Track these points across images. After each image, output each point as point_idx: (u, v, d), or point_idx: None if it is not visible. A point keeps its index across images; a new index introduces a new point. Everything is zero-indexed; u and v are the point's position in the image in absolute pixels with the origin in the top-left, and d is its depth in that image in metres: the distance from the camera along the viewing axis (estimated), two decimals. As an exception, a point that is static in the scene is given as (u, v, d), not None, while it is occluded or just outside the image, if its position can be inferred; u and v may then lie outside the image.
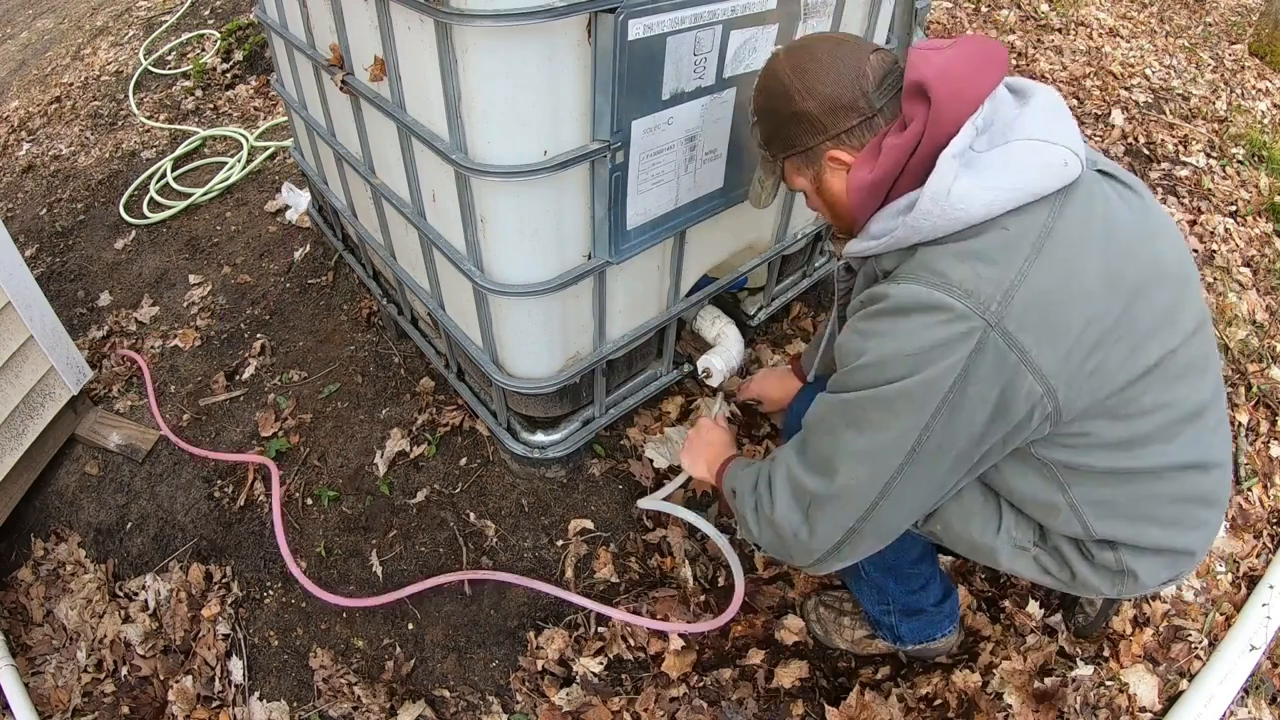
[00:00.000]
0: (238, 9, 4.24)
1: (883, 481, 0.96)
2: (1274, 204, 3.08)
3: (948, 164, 0.89)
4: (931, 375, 0.88)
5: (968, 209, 0.88)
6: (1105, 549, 1.07)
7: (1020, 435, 0.95)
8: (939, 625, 1.49)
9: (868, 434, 0.94)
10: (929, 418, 0.90)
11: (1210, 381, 1.03)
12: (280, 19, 1.86)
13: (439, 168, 1.34)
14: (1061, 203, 0.91)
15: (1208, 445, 1.03)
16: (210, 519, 1.93)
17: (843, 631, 1.64)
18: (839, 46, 1.01)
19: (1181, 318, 0.98)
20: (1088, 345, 0.90)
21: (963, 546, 1.17)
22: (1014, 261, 0.88)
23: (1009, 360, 0.87)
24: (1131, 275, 0.93)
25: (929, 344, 0.88)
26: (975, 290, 0.87)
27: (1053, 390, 0.90)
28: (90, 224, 3.00)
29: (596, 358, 1.62)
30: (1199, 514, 1.06)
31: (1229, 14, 5.24)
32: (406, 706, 1.58)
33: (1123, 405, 0.95)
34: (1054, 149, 0.91)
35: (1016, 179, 0.89)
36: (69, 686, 1.73)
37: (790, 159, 1.08)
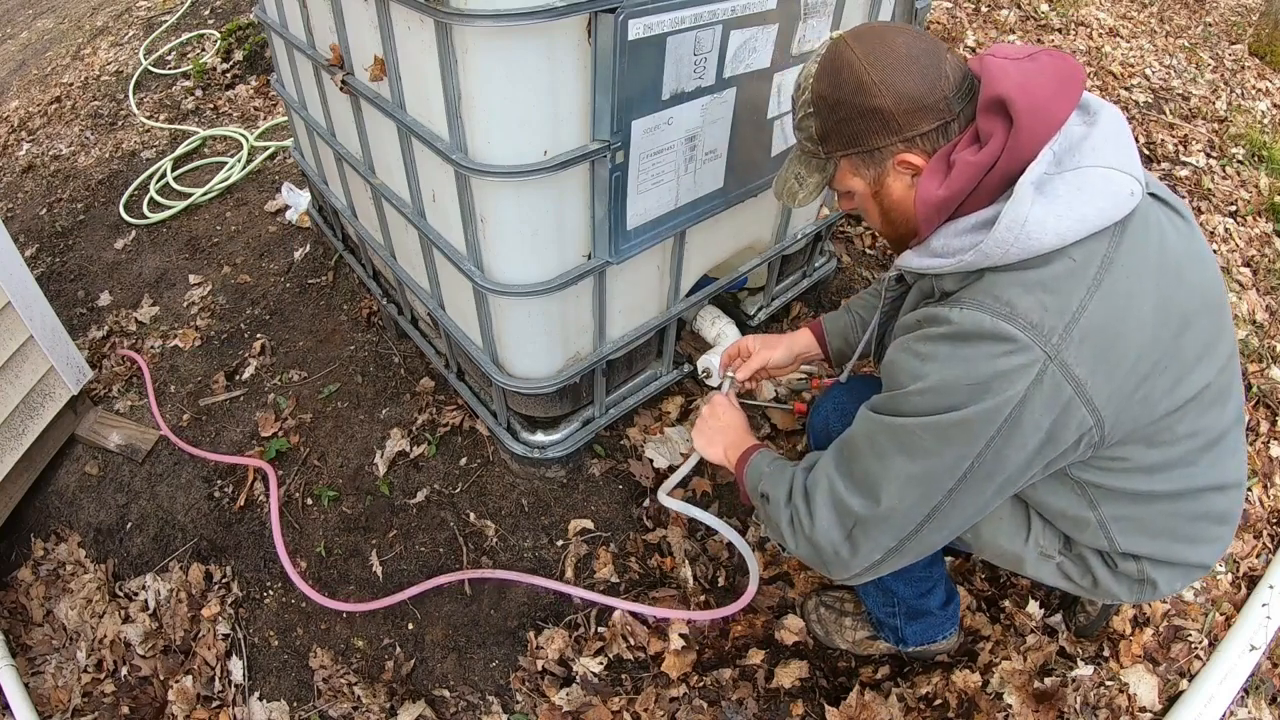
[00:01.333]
0: (238, 9, 4.24)
1: (930, 505, 0.95)
2: (1274, 204, 3.08)
3: (1027, 191, 0.86)
4: (990, 406, 0.86)
5: (1041, 239, 0.86)
6: (1129, 560, 1.10)
7: (1065, 460, 0.96)
8: (941, 627, 1.49)
9: (919, 461, 0.92)
10: (983, 446, 0.89)
11: (1234, 407, 1.04)
12: (280, 19, 1.86)
13: (439, 168, 1.34)
14: (1121, 232, 0.89)
15: (1226, 468, 1.05)
16: (210, 519, 1.93)
17: (844, 632, 1.64)
18: (917, 40, 0.93)
19: (1219, 348, 0.99)
20: (1139, 376, 0.91)
21: (989, 553, 1.19)
22: (1076, 293, 0.86)
23: (1065, 392, 0.87)
24: (1181, 305, 0.93)
25: (991, 374, 0.86)
26: (1040, 322, 0.85)
27: (1101, 420, 0.90)
28: (90, 224, 3.00)
29: (596, 358, 1.62)
30: (1214, 530, 1.09)
31: (1229, 14, 5.24)
32: (406, 706, 1.58)
33: (1160, 433, 0.97)
34: (1123, 178, 0.88)
35: (1088, 209, 0.86)
36: (69, 686, 1.73)
37: (850, 157, 1.00)
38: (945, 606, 1.47)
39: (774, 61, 1.43)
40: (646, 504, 1.87)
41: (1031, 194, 0.86)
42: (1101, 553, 1.12)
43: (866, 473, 0.98)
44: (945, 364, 0.89)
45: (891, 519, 0.97)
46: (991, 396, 0.86)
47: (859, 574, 1.05)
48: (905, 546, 1.00)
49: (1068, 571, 1.15)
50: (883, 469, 0.96)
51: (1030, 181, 0.87)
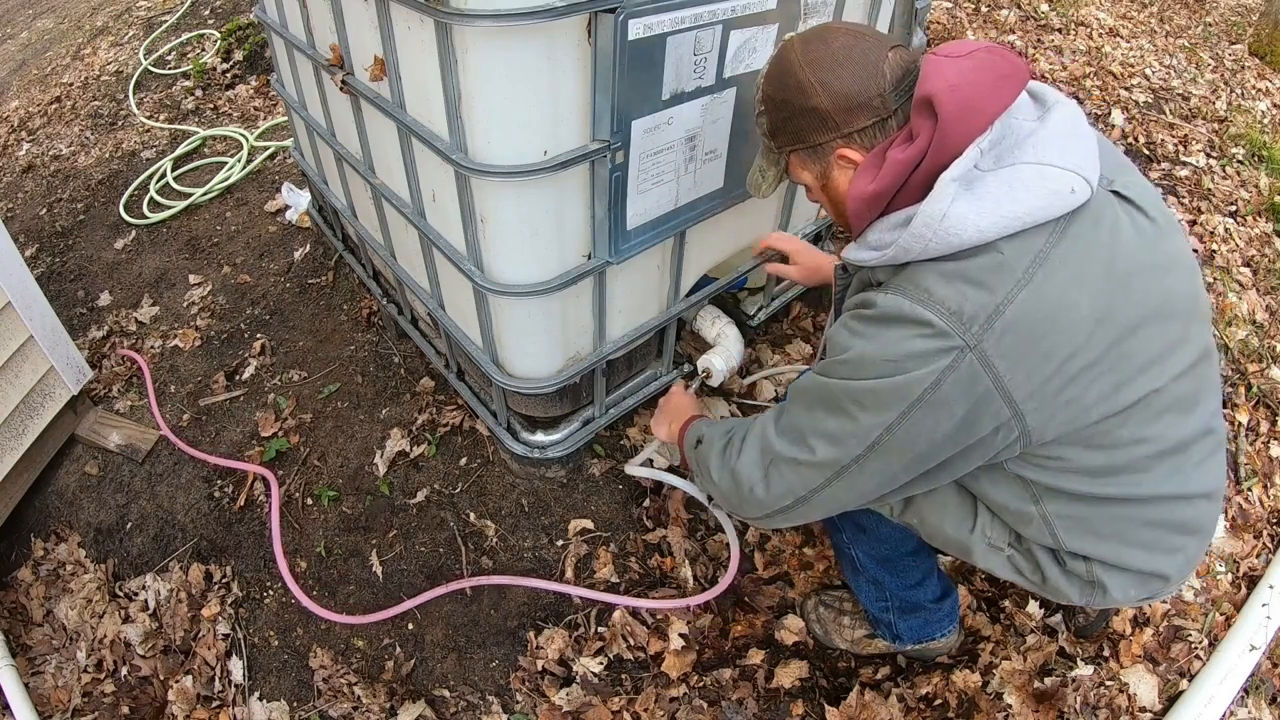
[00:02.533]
0: (238, 9, 4.24)
1: (841, 464, 1.00)
2: (1274, 204, 3.08)
3: (946, 188, 0.88)
4: (902, 382, 0.90)
5: (960, 234, 0.88)
6: (1077, 560, 1.08)
7: (984, 452, 0.96)
8: (938, 625, 1.49)
9: (837, 419, 0.98)
10: (894, 419, 0.92)
11: (1197, 418, 1.00)
12: (280, 19, 1.86)
13: (439, 168, 1.34)
14: (1063, 228, 0.89)
15: (1188, 478, 1.01)
16: (210, 519, 1.93)
17: (842, 631, 1.64)
18: (857, 40, 0.97)
19: (1179, 355, 0.96)
20: (1066, 376, 0.90)
21: (938, 540, 1.19)
22: (1002, 286, 0.87)
23: (981, 382, 0.88)
24: (1127, 311, 0.91)
25: (905, 353, 0.90)
26: (958, 310, 0.88)
27: (1022, 415, 0.91)
28: (90, 224, 3.00)
29: (596, 358, 1.62)
30: (1174, 540, 1.05)
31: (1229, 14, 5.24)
32: (406, 706, 1.58)
33: (1098, 436, 0.96)
34: (1063, 175, 0.88)
35: (1016, 207, 0.87)
36: (69, 686, 1.73)
37: (797, 153, 1.06)
38: (939, 601, 1.46)
39: (774, 61, 1.43)
40: (646, 504, 1.87)
41: (953, 191, 0.88)
42: (1051, 550, 1.10)
43: (794, 422, 1.06)
44: (867, 340, 0.94)
45: (804, 466, 1.03)
46: (905, 374, 0.90)
47: (769, 516, 1.11)
48: (815, 498, 1.05)
49: (1019, 565, 1.13)
50: (808, 420, 1.03)
51: (951, 178, 0.88)
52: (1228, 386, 2.24)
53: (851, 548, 1.41)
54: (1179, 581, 1.11)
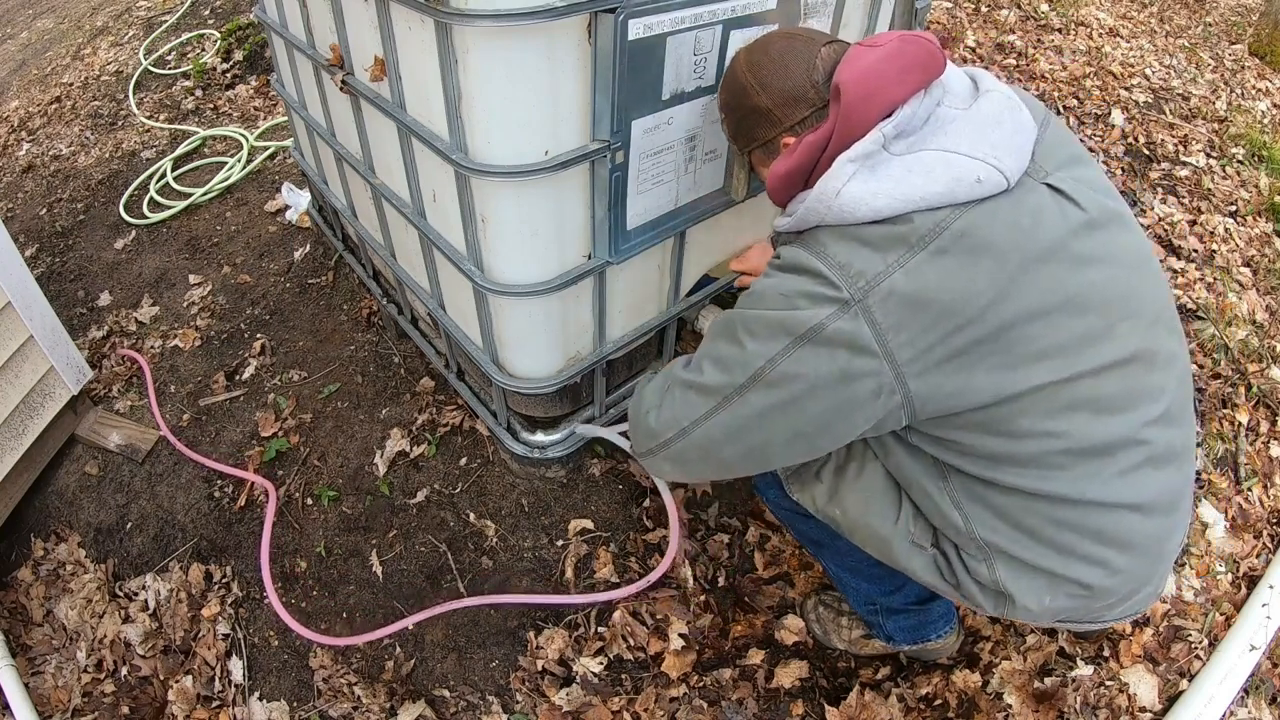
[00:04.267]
0: (238, 9, 4.24)
1: (725, 393, 1.02)
2: (1274, 204, 3.09)
3: (842, 167, 0.95)
4: (789, 316, 0.95)
5: (854, 210, 0.93)
6: (981, 563, 1.05)
7: (866, 414, 0.96)
8: (931, 627, 1.49)
9: (728, 344, 1.03)
10: (777, 351, 0.95)
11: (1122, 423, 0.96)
12: (280, 19, 1.86)
13: (439, 168, 1.34)
14: (965, 211, 0.91)
15: (1107, 485, 0.97)
16: (210, 519, 1.93)
17: (841, 631, 1.64)
18: (791, 41, 1.06)
19: (1094, 351, 0.94)
20: (953, 348, 0.90)
21: (860, 535, 1.18)
22: (893, 252, 0.91)
23: (864, 334, 0.91)
24: (1030, 295, 0.90)
25: (796, 292, 0.95)
26: (847, 265, 0.92)
27: (903, 378, 0.92)
28: (90, 224, 3.00)
29: (597, 358, 1.62)
30: (1090, 548, 1.00)
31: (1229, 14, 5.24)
32: (406, 706, 1.58)
33: (996, 423, 0.95)
34: (970, 164, 0.90)
35: (911, 191, 0.91)
36: (69, 686, 1.73)
37: (754, 151, 1.14)
38: (925, 604, 1.45)
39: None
40: (646, 504, 1.87)
41: (850, 170, 0.94)
42: (959, 549, 1.08)
43: (699, 352, 1.10)
44: (769, 279, 1.01)
45: (692, 391, 1.06)
46: (793, 310, 0.95)
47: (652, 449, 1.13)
48: (694, 432, 1.06)
49: (940, 568, 1.11)
50: (708, 349, 1.08)
51: (848, 159, 0.95)
52: (1227, 386, 2.24)
53: (820, 559, 1.45)
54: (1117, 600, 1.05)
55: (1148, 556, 1.03)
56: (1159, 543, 1.04)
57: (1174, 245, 2.76)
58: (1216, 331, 2.40)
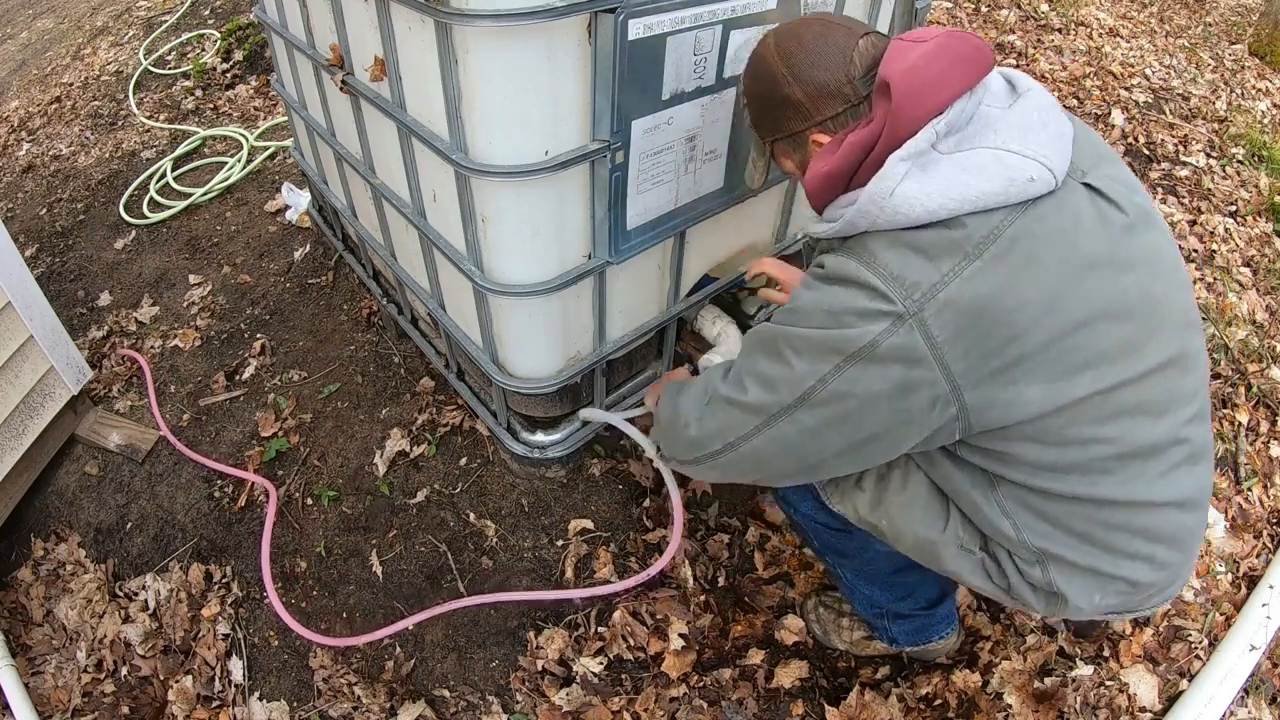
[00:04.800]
0: (238, 9, 4.24)
1: (772, 412, 1.00)
2: (1274, 204, 3.09)
3: (895, 166, 0.90)
4: (839, 336, 0.91)
5: (909, 211, 0.89)
6: (1034, 565, 1.05)
7: (921, 427, 0.94)
8: (934, 629, 1.49)
9: (773, 363, 0.99)
10: (827, 371, 0.93)
11: (1165, 425, 0.97)
12: (280, 19, 1.86)
13: (439, 168, 1.34)
14: (1021, 212, 0.89)
15: (1151, 485, 0.98)
16: (210, 519, 1.93)
17: (841, 632, 1.64)
18: (828, 30, 1.00)
19: (1137, 358, 0.94)
20: (1007, 360, 0.89)
21: (905, 543, 1.16)
22: (949, 260, 0.87)
23: (919, 348, 0.88)
24: (1076, 305, 0.89)
25: (845, 308, 0.91)
26: (901, 276, 0.88)
27: (959, 390, 0.90)
28: (90, 224, 3.00)
29: (597, 358, 1.62)
30: (1138, 545, 1.01)
31: (1229, 14, 5.24)
32: (406, 706, 1.58)
33: (1045, 433, 0.94)
34: (1023, 163, 0.88)
35: (966, 190, 0.87)
36: (69, 686, 1.73)
37: (778, 142, 1.09)
38: (933, 608, 1.46)
39: (774, 61, 1.43)
40: (647, 504, 1.87)
41: (903, 170, 0.89)
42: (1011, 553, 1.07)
43: (739, 367, 1.08)
44: (813, 293, 0.97)
45: (737, 408, 1.04)
46: (843, 327, 0.91)
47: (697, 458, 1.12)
48: (742, 447, 1.05)
49: (989, 570, 1.10)
50: (747, 363, 1.05)
51: (900, 158, 0.90)
52: (1227, 386, 2.24)
53: (838, 569, 1.43)
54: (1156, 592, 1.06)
55: (1185, 549, 1.05)
56: (1194, 535, 1.06)
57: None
58: (1216, 331, 2.40)
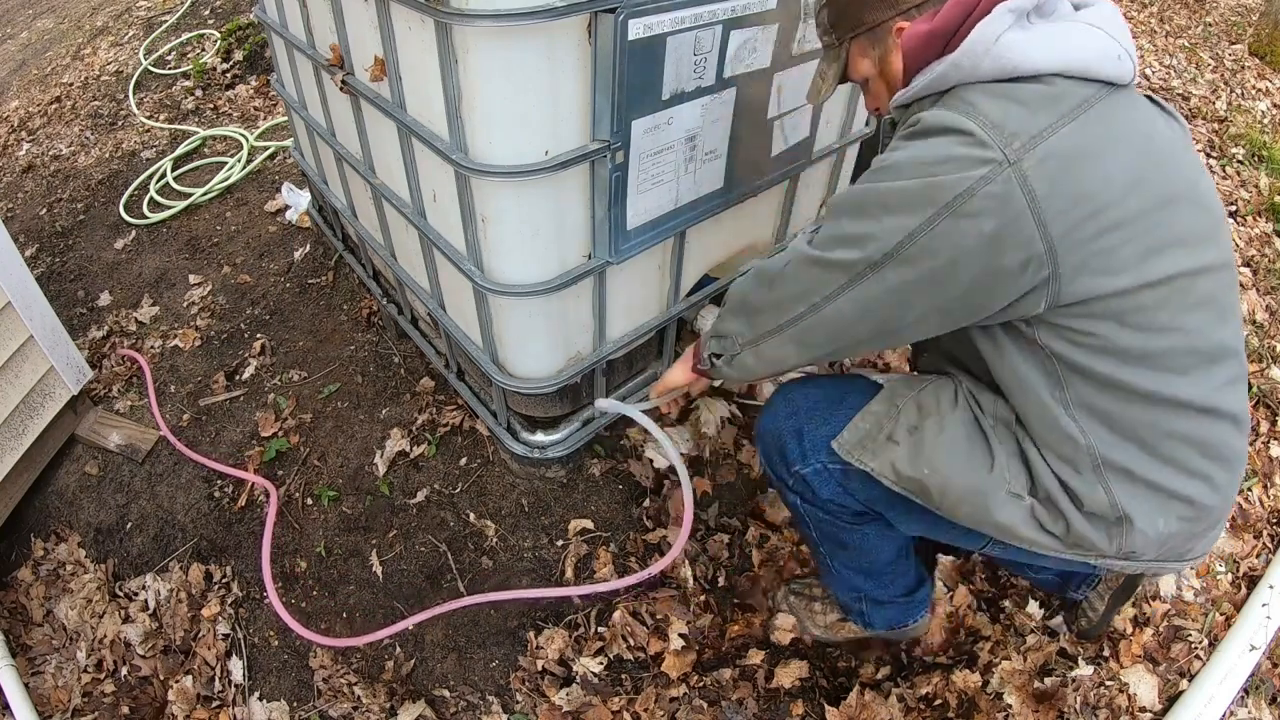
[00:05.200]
0: (238, 9, 4.24)
1: (859, 269, 0.96)
2: (1274, 204, 3.08)
3: (1002, 15, 0.91)
4: (934, 184, 0.88)
5: (1012, 58, 0.89)
6: (1096, 485, 1.01)
7: (1008, 290, 0.92)
8: (910, 612, 1.51)
9: (862, 222, 0.96)
10: (919, 223, 0.90)
11: (1230, 330, 0.99)
12: (280, 19, 1.86)
13: (439, 168, 1.34)
14: (1109, 93, 0.91)
15: (1220, 394, 0.98)
16: (210, 519, 1.93)
17: (814, 618, 1.65)
18: None
19: (1208, 249, 0.96)
20: (1102, 224, 0.89)
21: (952, 494, 1.09)
22: (1050, 114, 0.88)
23: (1016, 200, 0.86)
24: (1162, 183, 0.92)
25: (943, 156, 0.89)
26: (1001, 124, 0.87)
27: (1054, 251, 0.88)
28: (90, 224, 3.00)
29: (597, 358, 1.62)
30: (1200, 463, 1.00)
31: (1229, 14, 5.24)
32: (406, 706, 1.58)
33: (1133, 312, 0.93)
34: (1110, 41, 0.92)
35: (1069, 49, 0.90)
36: (69, 686, 1.73)
37: (858, 39, 1.07)
38: (911, 594, 1.48)
39: (774, 61, 1.43)
40: (647, 504, 1.87)
41: (1007, 18, 0.90)
42: (1067, 488, 1.03)
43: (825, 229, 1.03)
44: (905, 149, 0.93)
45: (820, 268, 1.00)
46: (938, 176, 0.88)
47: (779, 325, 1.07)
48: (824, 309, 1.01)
49: (1040, 517, 1.06)
50: (834, 225, 1.00)
51: (1009, 8, 0.91)
52: (1228, 386, 2.24)
53: (830, 559, 1.42)
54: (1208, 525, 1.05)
55: (1235, 475, 1.05)
56: (1241, 460, 1.06)
57: (1174, 245, 2.76)
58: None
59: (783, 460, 1.25)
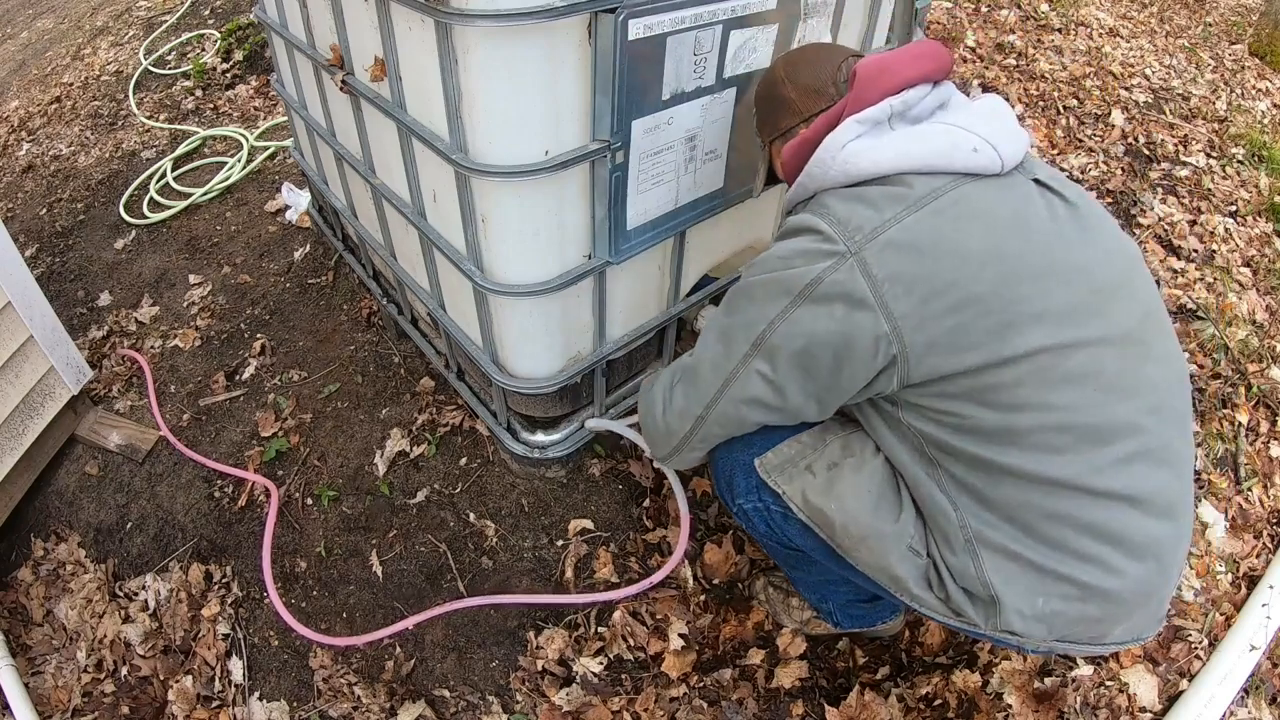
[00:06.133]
0: (238, 9, 4.24)
1: (731, 365, 1.08)
2: (1274, 204, 3.09)
3: (849, 126, 1.02)
4: (786, 275, 0.99)
5: (857, 164, 1.00)
6: (968, 559, 1.00)
7: (863, 371, 0.99)
8: (879, 614, 1.52)
9: (730, 316, 1.09)
10: (777, 312, 1.00)
11: (1124, 408, 0.94)
12: (280, 19, 1.86)
13: (439, 168, 1.34)
14: (966, 181, 0.97)
15: (1107, 474, 0.93)
16: (210, 519, 1.93)
17: (791, 613, 1.65)
18: (826, 49, 1.19)
19: (1094, 320, 0.93)
20: (950, 302, 0.92)
21: (852, 533, 1.08)
22: (891, 209, 0.95)
23: (859, 286, 0.94)
24: (1026, 260, 0.94)
25: (795, 252, 1.00)
26: (847, 221, 0.97)
27: (899, 331, 0.94)
28: (90, 224, 3.00)
29: (597, 358, 1.62)
30: (1088, 545, 0.95)
31: (1229, 14, 5.24)
32: (406, 706, 1.58)
33: (990, 390, 0.93)
34: (967, 135, 0.97)
35: (913, 149, 0.98)
36: (69, 686, 1.73)
37: (775, 142, 1.22)
38: (875, 600, 1.46)
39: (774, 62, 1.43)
40: (647, 504, 1.87)
41: (855, 129, 1.02)
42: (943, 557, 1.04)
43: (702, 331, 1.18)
44: (771, 249, 1.07)
45: (699, 371, 1.13)
46: (790, 269, 0.99)
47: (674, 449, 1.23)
48: (709, 417, 1.14)
49: (930, 579, 1.06)
50: (709, 327, 1.15)
51: (856, 119, 1.02)
52: (1227, 386, 2.24)
53: (790, 572, 1.46)
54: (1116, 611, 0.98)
55: (1148, 560, 0.97)
56: (1158, 545, 0.98)
57: (1174, 245, 2.76)
58: (1216, 331, 2.40)
59: (730, 490, 1.27)
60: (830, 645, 1.68)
